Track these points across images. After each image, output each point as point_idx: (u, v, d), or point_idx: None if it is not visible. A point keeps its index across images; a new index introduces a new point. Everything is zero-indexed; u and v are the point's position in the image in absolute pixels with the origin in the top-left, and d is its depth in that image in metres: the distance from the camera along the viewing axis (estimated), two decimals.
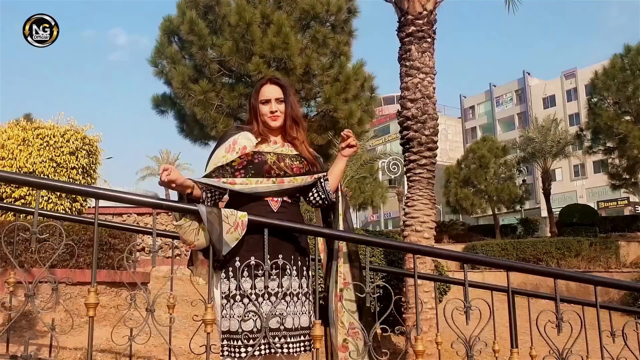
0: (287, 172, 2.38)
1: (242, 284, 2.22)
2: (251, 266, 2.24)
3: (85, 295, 2.66)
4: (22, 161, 6.23)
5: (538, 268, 2.64)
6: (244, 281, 2.23)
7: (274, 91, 2.45)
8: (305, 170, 2.46)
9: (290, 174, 2.38)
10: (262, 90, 2.46)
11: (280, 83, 2.49)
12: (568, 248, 18.42)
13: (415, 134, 6.33)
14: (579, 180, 48.75)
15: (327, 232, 2.44)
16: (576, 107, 47.62)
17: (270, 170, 2.36)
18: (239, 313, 2.20)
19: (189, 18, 12.02)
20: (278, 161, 2.39)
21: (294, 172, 2.40)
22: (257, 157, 2.37)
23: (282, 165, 2.39)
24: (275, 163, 2.38)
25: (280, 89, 2.46)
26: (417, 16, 6.39)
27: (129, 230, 4.09)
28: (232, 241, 2.21)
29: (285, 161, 2.40)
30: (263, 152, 2.39)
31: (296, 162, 2.43)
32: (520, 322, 2.94)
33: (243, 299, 2.22)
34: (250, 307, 2.20)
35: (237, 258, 2.25)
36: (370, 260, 6.86)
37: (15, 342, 4.26)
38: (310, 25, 12.76)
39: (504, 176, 29.88)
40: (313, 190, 2.48)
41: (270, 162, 2.37)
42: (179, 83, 12.25)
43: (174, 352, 3.13)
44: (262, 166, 2.35)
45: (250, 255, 2.25)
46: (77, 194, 5.54)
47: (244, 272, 2.23)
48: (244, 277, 2.23)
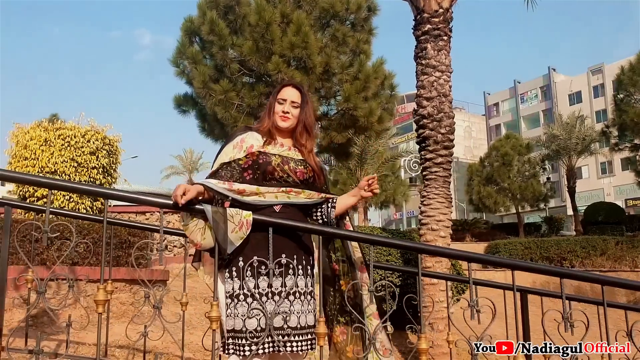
0: (291, 175, 2.41)
1: (246, 283, 2.26)
2: (254, 266, 2.27)
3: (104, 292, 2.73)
4: (44, 161, 6.38)
5: (543, 267, 2.62)
6: (248, 280, 2.27)
7: (293, 94, 2.50)
8: (309, 176, 2.47)
9: (293, 177, 2.41)
10: (283, 90, 2.52)
11: (301, 89, 2.54)
12: (593, 247, 18.10)
13: (431, 133, 6.32)
14: (606, 178, 47.93)
15: (330, 232, 2.46)
16: (603, 104, 46.81)
17: (274, 171, 2.39)
18: (242, 312, 2.24)
19: (210, 18, 12.10)
20: (282, 164, 2.41)
21: (298, 177, 2.42)
22: (262, 158, 2.40)
23: (286, 168, 2.41)
24: (280, 165, 2.40)
25: (299, 94, 2.51)
26: (433, 14, 6.37)
27: (137, 228, 4.17)
28: (237, 240, 2.25)
29: (289, 164, 2.43)
30: (268, 153, 2.42)
31: (300, 167, 2.45)
32: (536, 321, 2.93)
33: (247, 298, 2.25)
34: (254, 306, 2.23)
35: (240, 258, 2.29)
36: (387, 259, 6.90)
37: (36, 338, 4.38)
38: (330, 24, 12.74)
39: (528, 174, 29.52)
40: (318, 211, 2.53)
41: (274, 164, 2.40)
42: (200, 83, 12.34)
43: (184, 346, 3.19)
44: (266, 167, 2.38)
45: (253, 254, 2.29)
46: (85, 194, 5.63)
47: (247, 271, 2.27)
48: (247, 277, 2.27)
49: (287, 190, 2.38)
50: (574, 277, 2.63)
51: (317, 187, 2.52)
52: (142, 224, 3.81)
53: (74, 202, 6.38)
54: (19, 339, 4.14)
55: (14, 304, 4.83)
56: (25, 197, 6.20)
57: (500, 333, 3.36)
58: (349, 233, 2.47)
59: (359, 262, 2.55)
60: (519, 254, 18.20)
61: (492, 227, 31.84)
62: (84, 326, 4.69)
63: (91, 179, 6.55)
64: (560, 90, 52.50)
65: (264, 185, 2.38)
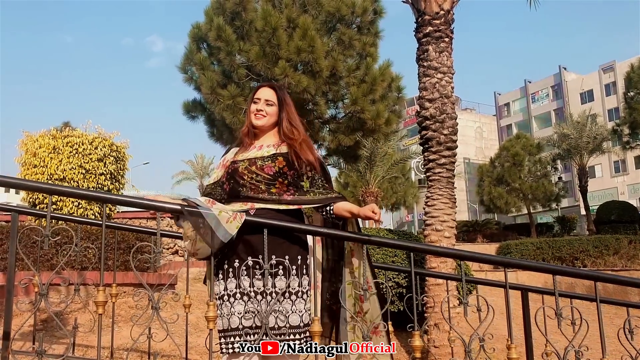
0: (259, 173, 2.47)
1: (228, 284, 2.36)
2: (235, 267, 2.36)
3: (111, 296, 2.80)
4: (52, 168, 6.50)
5: (535, 264, 2.65)
6: (230, 281, 2.37)
7: (267, 93, 2.59)
8: (280, 167, 2.49)
9: (262, 175, 2.47)
10: (258, 91, 2.62)
11: (275, 88, 2.62)
12: (606, 246, 17.95)
13: (434, 134, 6.35)
14: (619, 177, 47.52)
15: (325, 232, 2.50)
16: (615, 102, 46.44)
17: (243, 174, 2.48)
18: (227, 312, 2.34)
19: (217, 24, 12.19)
20: (250, 165, 2.49)
21: (266, 172, 2.47)
22: (232, 167, 2.54)
23: (253, 168, 2.48)
24: (247, 168, 2.49)
25: (274, 92, 2.59)
26: (434, 16, 6.41)
27: (137, 232, 4.26)
28: (233, 230, 2.32)
29: (256, 164, 2.49)
30: (237, 161, 2.54)
31: (267, 162, 2.50)
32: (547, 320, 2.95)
33: (230, 298, 2.35)
34: (235, 305, 2.33)
35: (225, 261, 2.40)
36: (392, 260, 6.93)
37: (47, 342, 4.47)
38: (336, 28, 12.79)
39: (539, 174, 29.34)
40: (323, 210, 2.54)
41: (241, 168, 2.50)
42: (208, 88, 12.44)
43: (191, 349, 3.25)
44: (235, 173, 2.50)
45: (239, 255, 2.38)
46: (85, 199, 5.71)
47: (229, 273, 2.37)
48: (230, 278, 2.37)
49: (250, 205, 2.45)
50: (566, 274, 2.66)
51: (303, 172, 2.52)
52: (145, 228, 3.88)
53: (82, 209, 6.49)
54: (29, 342, 4.24)
55: (24, 308, 4.93)
56: (35, 204, 6.32)
57: (505, 332, 3.36)
58: (343, 233, 2.51)
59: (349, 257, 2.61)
60: (531, 255, 18.10)
61: (504, 228, 31.66)
62: (91, 329, 4.78)
63: (99, 186, 6.67)
64: (572, 89, 52.16)
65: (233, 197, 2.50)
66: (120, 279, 5.49)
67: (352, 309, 2.58)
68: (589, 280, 2.71)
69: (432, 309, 6.03)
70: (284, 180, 2.50)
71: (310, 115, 13.09)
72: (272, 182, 2.48)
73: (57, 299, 5.26)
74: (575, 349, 2.70)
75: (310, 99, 12.30)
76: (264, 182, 2.47)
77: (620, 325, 2.85)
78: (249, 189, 2.47)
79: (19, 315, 4.75)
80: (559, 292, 2.64)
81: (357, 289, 2.56)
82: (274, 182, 2.48)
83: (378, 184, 25.94)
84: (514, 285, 3.15)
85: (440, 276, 4.87)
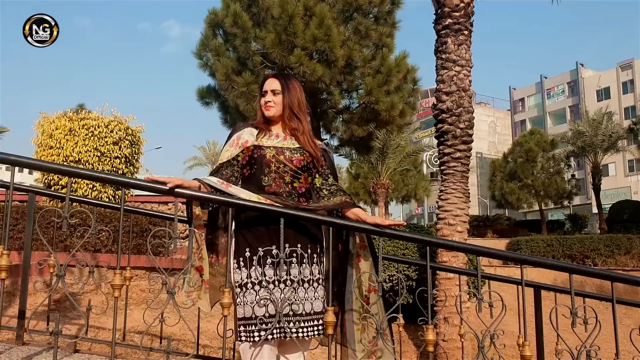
0: (287, 164, 2.47)
1: (253, 272, 2.34)
2: (260, 256, 2.35)
3: (124, 279, 2.82)
4: (68, 150, 6.53)
5: (552, 262, 2.63)
6: (255, 269, 2.34)
7: (272, 83, 2.58)
8: (308, 162, 2.52)
9: (290, 166, 2.47)
10: (265, 83, 2.61)
11: (279, 77, 2.62)
12: (617, 245, 17.83)
13: (450, 127, 6.31)
14: (633, 176, 47.05)
15: (339, 223, 2.49)
16: (632, 100, 45.93)
17: (270, 163, 2.45)
18: (251, 300, 2.32)
19: (233, 11, 12.15)
20: (277, 154, 2.48)
21: (295, 165, 2.48)
22: (257, 152, 2.49)
23: (281, 158, 2.47)
24: (275, 156, 2.47)
25: (278, 81, 2.59)
26: (453, 8, 6.35)
27: (153, 216, 4.28)
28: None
29: (285, 154, 2.49)
30: (263, 147, 2.50)
31: (297, 155, 2.50)
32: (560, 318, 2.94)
33: (254, 286, 2.33)
34: (262, 294, 2.31)
35: (247, 249, 2.38)
36: (403, 253, 6.92)
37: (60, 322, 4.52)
38: (352, 17, 12.71)
39: (552, 170, 29.13)
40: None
41: (269, 156, 2.47)
42: (222, 75, 12.43)
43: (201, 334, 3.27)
44: (262, 160, 2.46)
45: (259, 245, 2.37)
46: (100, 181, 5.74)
47: (254, 261, 2.35)
48: (255, 266, 2.35)
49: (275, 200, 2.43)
50: (582, 273, 2.64)
51: (319, 170, 2.58)
52: (160, 213, 3.90)
53: (96, 191, 6.53)
54: (42, 322, 4.28)
55: (38, 287, 4.98)
56: (50, 185, 6.36)
57: (516, 329, 3.36)
58: (356, 224, 2.50)
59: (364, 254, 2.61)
60: (541, 251, 18.00)
61: (515, 224, 31.50)
62: (104, 311, 4.82)
63: (114, 169, 6.70)
64: (588, 86, 51.60)
65: (250, 185, 2.48)
66: (132, 262, 5.52)
67: (359, 310, 2.60)
68: (600, 279, 2.69)
69: (442, 302, 6.03)
70: (308, 177, 2.54)
71: (324, 105, 13.05)
72: (298, 176, 2.49)
73: (71, 280, 5.31)
74: (587, 349, 2.69)
75: (324, 88, 12.25)
76: (290, 173, 2.47)
77: (629, 325, 2.83)
78: (272, 179, 2.46)
79: (32, 294, 4.80)
80: (563, 288, 2.63)
81: (364, 293, 2.58)
82: (299, 175, 2.50)
83: (389, 176, 25.85)
84: (528, 282, 3.13)
85: (455, 271, 4.85)
